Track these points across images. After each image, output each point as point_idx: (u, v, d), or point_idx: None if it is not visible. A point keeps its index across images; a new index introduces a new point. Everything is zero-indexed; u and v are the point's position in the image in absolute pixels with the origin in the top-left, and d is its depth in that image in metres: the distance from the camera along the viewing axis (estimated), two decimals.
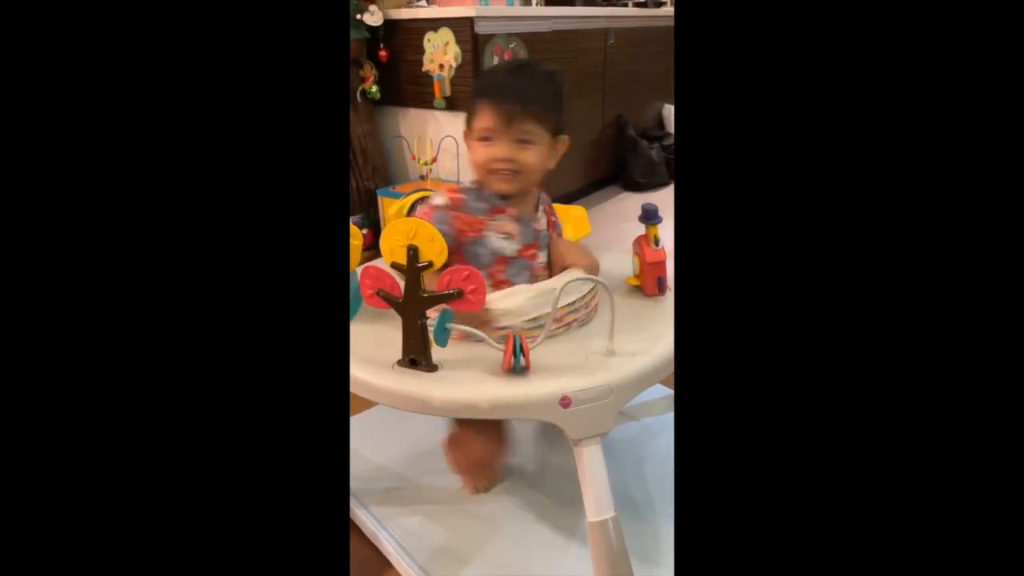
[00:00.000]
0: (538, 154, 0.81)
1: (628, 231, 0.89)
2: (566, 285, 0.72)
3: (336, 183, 0.42)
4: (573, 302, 0.78)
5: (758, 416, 0.38)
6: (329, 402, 0.40)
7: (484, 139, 0.81)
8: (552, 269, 0.87)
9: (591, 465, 0.68)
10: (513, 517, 0.91)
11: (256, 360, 0.39)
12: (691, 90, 0.40)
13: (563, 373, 0.68)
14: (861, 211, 0.37)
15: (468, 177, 1.96)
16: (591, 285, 0.81)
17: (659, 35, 2.86)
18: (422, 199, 1.03)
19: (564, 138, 0.84)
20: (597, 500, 0.68)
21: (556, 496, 0.94)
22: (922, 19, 0.36)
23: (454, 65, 1.94)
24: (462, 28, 1.90)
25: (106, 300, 0.37)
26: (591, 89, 2.54)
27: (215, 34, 0.39)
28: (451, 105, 1.98)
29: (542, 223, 0.87)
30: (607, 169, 2.80)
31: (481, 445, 0.87)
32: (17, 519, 0.36)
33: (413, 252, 0.68)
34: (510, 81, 0.82)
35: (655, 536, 0.85)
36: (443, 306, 0.69)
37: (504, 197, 0.83)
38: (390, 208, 1.04)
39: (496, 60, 1.95)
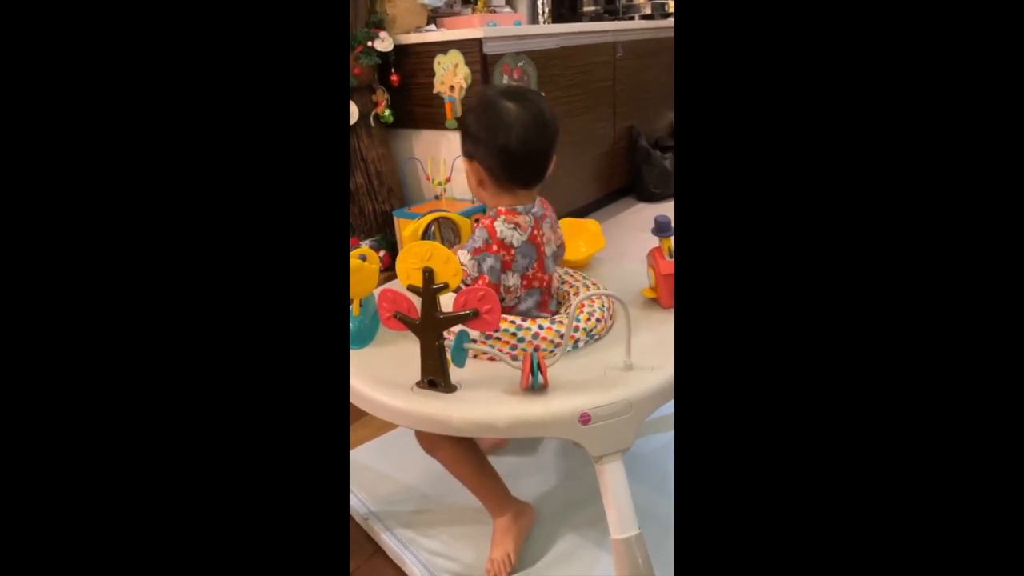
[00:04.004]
0: None
1: (644, 242, 0.89)
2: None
3: (336, 203, 0.42)
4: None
5: (758, 428, 0.38)
6: (328, 421, 0.41)
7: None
8: None
9: (613, 482, 0.67)
10: (537, 537, 0.90)
11: (256, 377, 0.39)
12: (691, 104, 0.40)
13: (581, 390, 0.68)
14: (862, 220, 0.37)
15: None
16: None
17: (667, 46, 2.87)
18: (437, 219, 1.04)
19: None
20: (620, 517, 0.67)
21: (580, 514, 0.93)
22: (925, 19, 0.36)
23: (464, 86, 1.96)
24: (471, 49, 1.92)
25: (107, 317, 0.38)
26: (602, 102, 2.55)
27: (217, 55, 0.39)
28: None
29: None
30: (621, 181, 2.80)
31: None
32: (17, 522, 0.36)
33: (429, 274, 0.69)
34: (541, 141, 0.80)
35: None
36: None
37: None
38: (406, 229, 1.05)
39: (506, 79, 1.97)
